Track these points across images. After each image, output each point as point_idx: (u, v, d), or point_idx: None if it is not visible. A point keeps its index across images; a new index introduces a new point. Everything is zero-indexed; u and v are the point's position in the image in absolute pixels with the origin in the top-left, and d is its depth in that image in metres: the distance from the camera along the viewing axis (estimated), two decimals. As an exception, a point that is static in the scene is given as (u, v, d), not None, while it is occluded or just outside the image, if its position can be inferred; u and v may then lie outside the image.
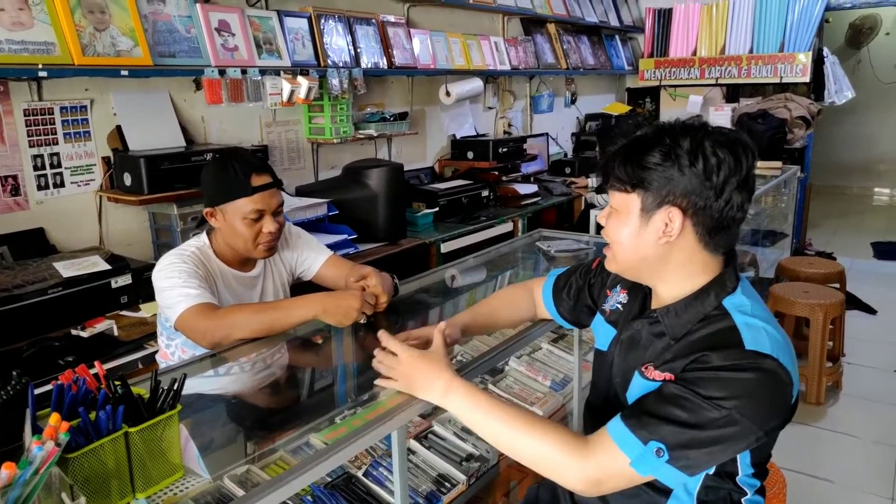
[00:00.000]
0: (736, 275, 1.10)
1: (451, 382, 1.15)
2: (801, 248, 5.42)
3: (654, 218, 1.05)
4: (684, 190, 1.02)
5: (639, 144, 1.06)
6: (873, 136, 7.99)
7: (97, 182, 2.42)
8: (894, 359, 3.63)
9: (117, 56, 2.27)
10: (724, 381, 0.96)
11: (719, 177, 1.01)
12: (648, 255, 1.08)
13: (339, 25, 3.12)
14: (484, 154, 3.92)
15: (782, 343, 1.01)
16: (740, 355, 0.98)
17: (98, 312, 2.12)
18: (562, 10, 4.77)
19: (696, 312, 1.07)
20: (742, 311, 1.04)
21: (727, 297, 1.07)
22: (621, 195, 1.09)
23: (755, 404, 0.96)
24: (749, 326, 1.02)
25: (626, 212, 1.08)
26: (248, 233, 1.67)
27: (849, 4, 5.20)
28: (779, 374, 0.98)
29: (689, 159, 1.01)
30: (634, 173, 1.05)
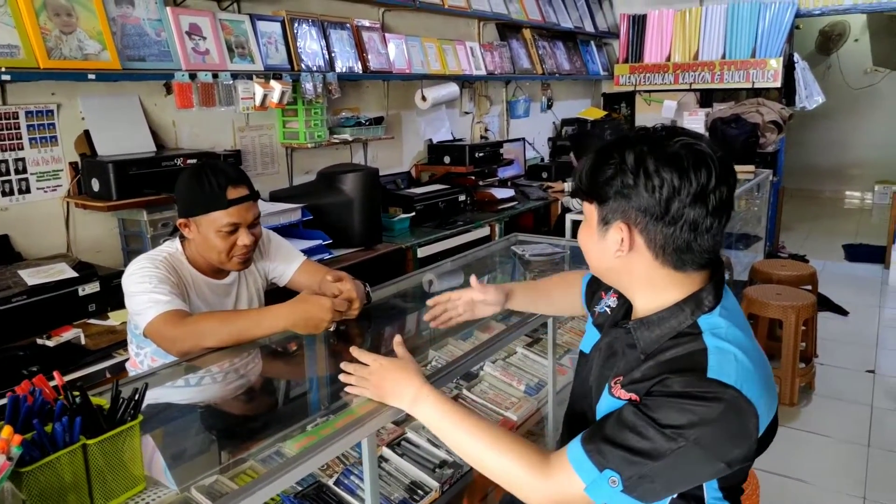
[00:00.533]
0: (717, 293, 1.04)
1: (420, 390, 1.14)
2: (775, 251, 5.50)
3: (609, 231, 1.04)
4: (632, 206, 1.00)
5: (600, 156, 1.05)
6: (844, 141, 8.14)
7: (64, 188, 2.37)
8: (866, 359, 3.68)
9: (84, 59, 2.22)
10: (682, 410, 0.92)
11: (662, 194, 0.97)
12: (610, 266, 1.08)
13: (313, 29, 3.10)
14: (461, 159, 3.92)
15: (751, 372, 0.96)
16: (700, 383, 0.93)
17: (65, 321, 2.07)
18: (537, 15, 4.80)
19: (668, 328, 1.03)
20: (715, 333, 0.99)
21: (703, 315, 1.02)
22: (586, 204, 1.09)
23: (713, 436, 0.91)
24: (718, 351, 0.97)
25: (589, 221, 1.09)
26: (223, 245, 1.64)
27: (818, 11, 5.29)
28: (740, 405, 0.93)
29: (632, 177, 0.99)
30: (589, 185, 1.05)
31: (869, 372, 3.53)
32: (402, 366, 1.19)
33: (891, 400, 3.21)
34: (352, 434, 1.16)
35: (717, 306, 1.02)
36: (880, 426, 2.99)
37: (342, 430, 1.16)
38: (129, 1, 2.42)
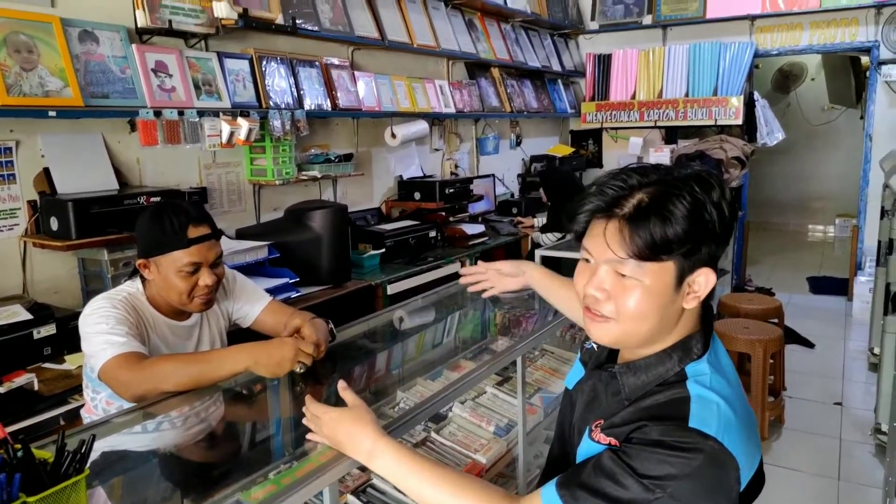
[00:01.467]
0: (706, 339, 0.99)
1: (375, 443, 1.10)
2: (742, 285, 5.58)
3: (686, 281, 0.94)
4: (713, 248, 0.93)
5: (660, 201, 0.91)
6: (806, 175, 8.38)
7: (22, 227, 2.31)
8: (833, 392, 3.72)
9: (45, 97, 2.19)
10: (660, 460, 0.88)
11: (729, 229, 0.94)
12: (667, 323, 0.97)
13: (282, 67, 3.10)
14: (431, 195, 3.92)
15: (733, 422, 0.92)
16: (680, 433, 0.89)
17: (18, 365, 1.99)
18: (505, 55, 4.88)
19: (655, 375, 0.98)
20: (699, 380, 0.95)
21: (691, 363, 0.97)
22: (650, 265, 0.92)
23: (691, 489, 0.88)
24: (701, 399, 0.92)
25: (656, 283, 0.93)
26: (184, 286, 1.59)
27: (775, 52, 5.49)
28: (720, 458, 0.89)
29: (717, 212, 0.92)
30: (669, 237, 0.90)
31: (837, 404, 3.56)
32: (355, 417, 1.14)
33: (858, 432, 3.23)
34: (313, 483, 1.12)
35: (706, 353, 0.98)
36: (849, 459, 3.01)
37: (303, 479, 1.12)
38: (93, 38, 2.40)
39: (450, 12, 4.36)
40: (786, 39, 5.38)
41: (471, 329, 2.53)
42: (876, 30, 5.02)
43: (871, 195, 5.22)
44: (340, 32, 3.38)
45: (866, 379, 3.90)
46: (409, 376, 2.00)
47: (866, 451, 3.07)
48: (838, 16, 5.14)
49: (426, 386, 1.88)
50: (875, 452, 3.03)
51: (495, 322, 2.49)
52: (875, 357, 3.91)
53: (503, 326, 2.42)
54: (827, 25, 5.22)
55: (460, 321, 2.55)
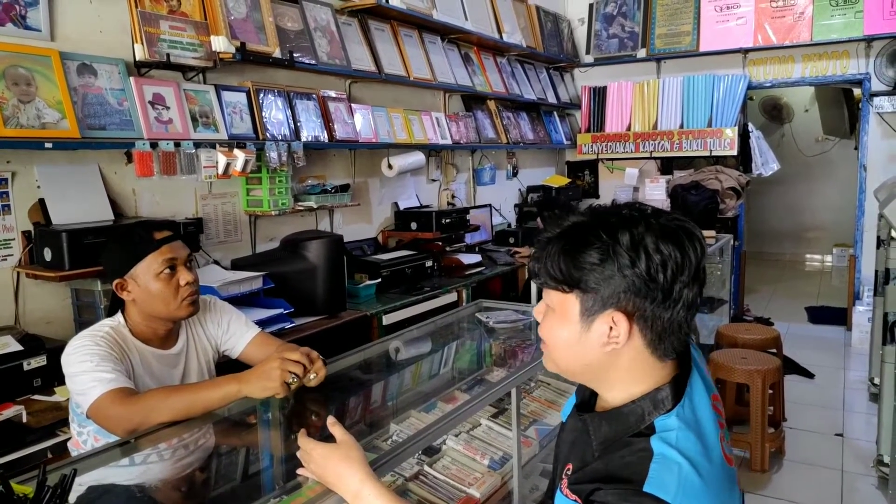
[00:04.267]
0: (679, 390, 0.94)
1: (363, 485, 1.09)
2: (740, 314, 5.56)
3: (595, 322, 0.93)
4: (628, 291, 0.90)
5: (574, 238, 0.93)
6: (801, 206, 8.42)
7: (15, 258, 2.30)
8: (834, 423, 3.68)
9: (42, 128, 2.20)
10: None
11: (666, 276, 0.89)
12: (591, 361, 0.96)
13: (279, 100, 3.13)
14: (427, 225, 3.93)
15: (696, 487, 0.86)
16: (634, 498, 0.85)
17: (7, 397, 1.97)
18: (501, 87, 4.94)
19: (625, 427, 0.94)
20: (665, 438, 0.89)
21: (660, 416, 0.92)
22: (557, 294, 0.96)
23: None
24: (663, 459, 0.87)
25: (564, 313, 0.95)
26: (167, 289, 1.60)
27: (768, 84, 5.56)
28: None
29: (629, 258, 0.89)
30: (570, 273, 0.92)
31: (838, 435, 3.52)
32: (343, 455, 1.13)
33: (860, 464, 3.19)
34: (302, 518, 1.10)
35: (677, 406, 0.92)
36: (851, 491, 2.96)
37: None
38: (91, 71, 2.42)
39: (446, 46, 4.42)
40: (778, 72, 5.46)
41: (466, 360, 2.52)
42: (867, 62, 5.10)
43: (867, 225, 5.24)
44: (337, 66, 3.42)
45: (867, 409, 3.86)
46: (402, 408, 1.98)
47: (869, 483, 3.02)
48: (829, 49, 5.22)
49: (420, 418, 1.86)
50: (878, 485, 2.99)
51: (491, 353, 2.47)
52: (875, 387, 3.87)
53: (498, 357, 2.40)
54: (819, 58, 5.29)
55: (456, 352, 2.53)
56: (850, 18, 4.97)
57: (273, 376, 1.48)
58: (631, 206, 0.96)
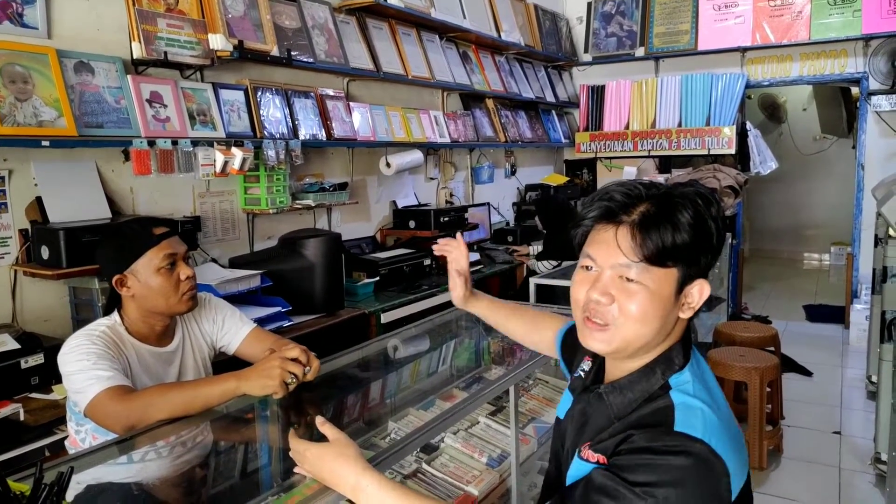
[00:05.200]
0: (685, 351, 1.01)
1: (360, 477, 1.07)
2: (738, 313, 5.56)
3: (684, 290, 0.98)
4: (710, 259, 0.98)
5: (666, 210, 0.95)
6: (799, 204, 8.43)
7: (12, 256, 2.30)
8: (832, 420, 3.69)
9: (39, 126, 2.20)
10: (649, 467, 0.88)
11: (721, 245, 0.99)
12: (662, 328, 0.98)
13: (277, 98, 3.13)
14: (426, 223, 3.93)
15: (719, 428, 0.92)
16: (666, 437, 0.90)
17: (4, 395, 1.96)
18: (499, 86, 4.94)
19: (640, 391, 0.99)
20: (683, 390, 0.97)
21: (673, 375, 0.99)
22: (656, 269, 0.95)
23: (682, 492, 0.87)
24: (685, 406, 0.94)
25: (660, 289, 0.96)
26: (168, 284, 1.60)
27: (766, 83, 5.56)
28: (709, 460, 0.89)
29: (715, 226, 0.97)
30: (678, 244, 0.94)
31: (835, 433, 3.53)
32: (338, 452, 1.11)
33: (858, 461, 3.19)
34: (300, 514, 1.10)
35: (687, 364, 1.00)
36: (850, 489, 2.96)
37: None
38: (88, 69, 2.42)
39: (444, 45, 4.42)
40: (776, 71, 5.46)
41: (464, 358, 2.51)
42: (864, 61, 5.10)
43: (864, 223, 5.25)
44: (335, 64, 3.41)
45: (865, 407, 3.86)
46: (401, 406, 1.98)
47: (866, 480, 3.03)
48: (827, 48, 5.22)
49: (418, 416, 1.85)
50: (875, 482, 2.99)
51: (489, 351, 2.47)
52: (873, 385, 3.87)
53: (497, 355, 2.40)
54: (817, 57, 5.30)
55: (454, 350, 2.53)
56: (849, 17, 4.97)
57: (273, 375, 1.47)
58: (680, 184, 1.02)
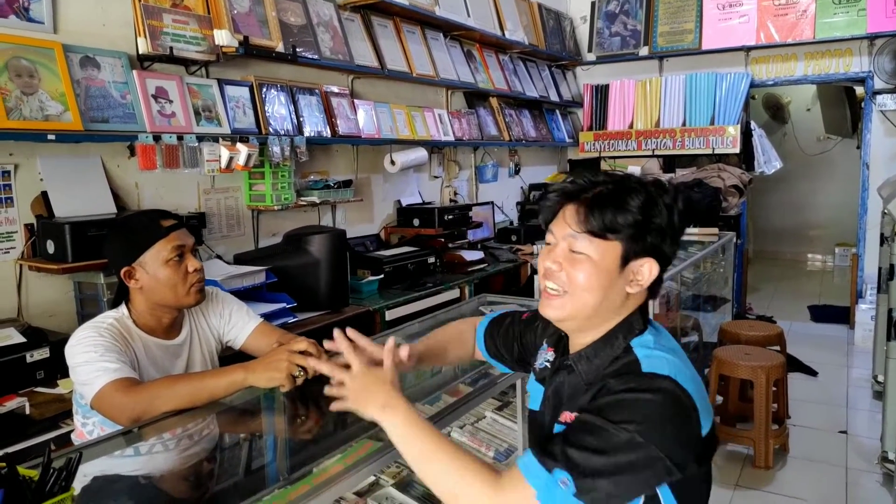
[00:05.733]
0: (644, 318, 1.11)
1: (391, 397, 1.11)
2: (743, 313, 5.55)
3: (629, 266, 1.06)
4: (659, 241, 1.05)
5: (616, 190, 1.05)
6: (803, 204, 8.40)
7: (18, 250, 2.30)
8: (838, 420, 3.67)
9: (45, 120, 2.20)
10: (624, 405, 0.96)
11: (681, 233, 1.07)
12: (610, 304, 1.07)
13: (282, 95, 3.13)
14: (430, 221, 3.93)
15: (683, 369, 1.02)
16: (637, 378, 1.00)
17: (10, 389, 1.96)
18: (503, 85, 4.93)
19: (606, 357, 1.07)
20: (645, 345, 1.06)
21: (634, 338, 1.08)
22: (598, 241, 1.05)
23: (656, 426, 0.94)
24: (649, 356, 1.04)
25: (602, 259, 1.05)
26: (176, 276, 1.60)
27: (771, 82, 5.55)
28: (678, 394, 0.97)
29: (667, 212, 1.05)
30: (618, 220, 1.03)
31: (841, 433, 3.51)
32: (380, 375, 1.15)
33: (864, 461, 3.18)
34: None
35: (647, 329, 1.10)
36: (856, 488, 2.95)
37: (297, 500, 1.09)
38: (94, 64, 2.42)
39: (448, 43, 4.42)
40: (781, 70, 5.45)
41: (470, 354, 2.50)
42: (869, 60, 5.08)
43: (870, 223, 5.23)
44: (340, 61, 3.41)
45: (871, 407, 3.85)
46: (407, 400, 1.97)
47: (873, 479, 3.01)
48: (832, 47, 5.21)
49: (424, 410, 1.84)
50: (882, 481, 2.98)
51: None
52: (879, 385, 3.86)
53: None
54: (821, 56, 5.28)
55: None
56: (853, 16, 4.96)
57: (280, 367, 1.47)
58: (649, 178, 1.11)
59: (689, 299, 4.18)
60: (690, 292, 4.18)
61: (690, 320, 4.06)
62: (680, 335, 3.68)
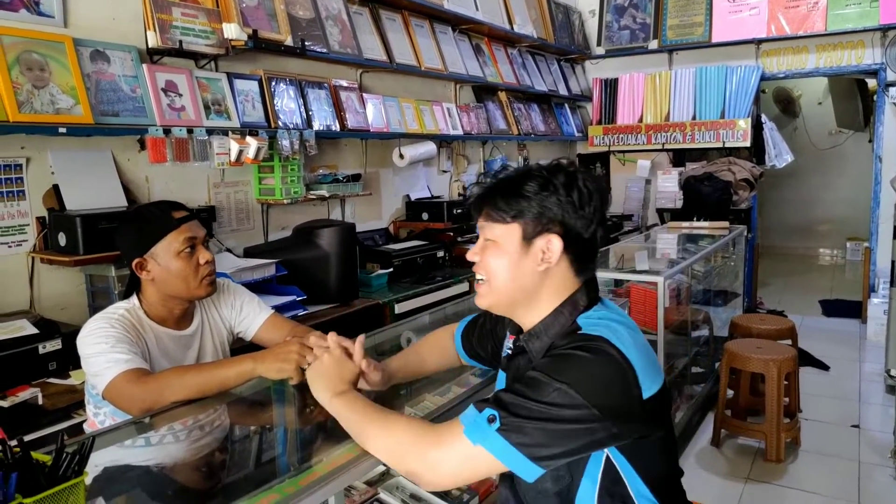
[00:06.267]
0: (590, 295, 1.16)
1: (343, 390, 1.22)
2: (753, 307, 5.51)
3: (533, 245, 1.11)
4: (560, 217, 1.10)
5: (513, 179, 1.13)
6: (814, 199, 8.34)
7: (30, 243, 2.31)
8: (850, 414, 3.64)
9: (56, 114, 2.21)
10: (557, 361, 1.02)
11: (590, 207, 1.11)
12: (525, 283, 1.13)
13: (291, 89, 3.13)
14: (439, 215, 3.92)
15: (622, 333, 1.05)
16: (573, 337, 1.06)
17: (23, 380, 1.98)
18: (512, 79, 4.92)
19: (554, 333, 1.13)
20: (589, 318, 1.12)
21: (580, 314, 1.13)
22: (500, 226, 1.13)
23: (588, 382, 0.98)
24: (590, 324, 1.09)
25: (505, 242, 1.13)
26: (187, 268, 1.60)
27: (782, 75, 5.50)
28: (609, 352, 1.01)
29: (565, 189, 1.10)
30: (514, 203, 1.11)
31: (854, 427, 3.48)
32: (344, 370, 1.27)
33: (877, 455, 3.15)
34: (318, 492, 1.10)
35: (594, 306, 1.15)
36: (869, 482, 2.92)
37: (307, 487, 1.10)
38: (104, 58, 2.43)
39: (457, 37, 4.41)
40: (792, 63, 5.40)
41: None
42: (882, 52, 5.03)
43: (882, 216, 5.18)
44: (349, 55, 3.41)
45: (883, 401, 3.82)
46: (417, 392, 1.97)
47: (886, 473, 2.99)
48: (844, 39, 5.16)
49: (433, 401, 1.84)
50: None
51: (504, 339, 2.46)
52: (892, 379, 3.83)
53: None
54: (833, 48, 5.23)
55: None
56: (866, 8, 4.90)
57: (290, 359, 1.47)
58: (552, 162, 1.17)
59: (699, 293, 4.15)
60: (701, 286, 4.16)
61: (701, 314, 4.04)
62: (691, 328, 3.66)
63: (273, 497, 1.09)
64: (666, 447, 1.11)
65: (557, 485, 1.08)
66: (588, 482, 1.06)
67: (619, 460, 1.05)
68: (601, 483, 1.05)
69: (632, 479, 1.06)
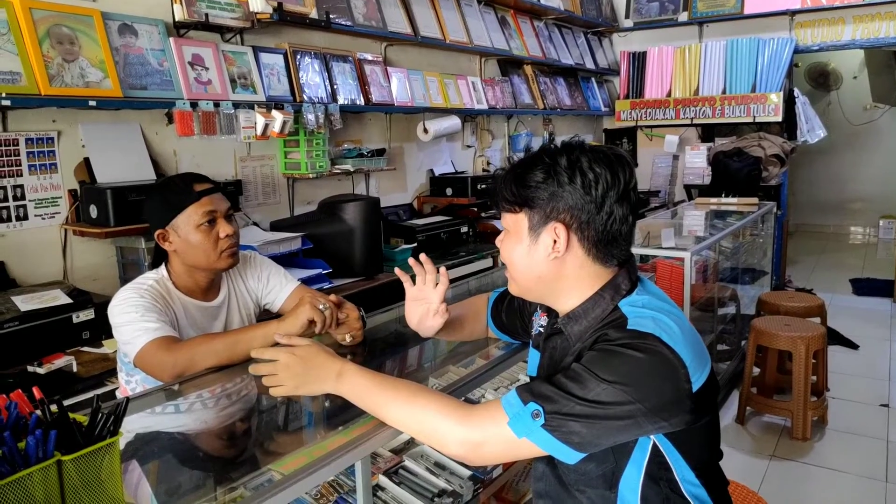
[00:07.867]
0: (632, 278, 1.12)
1: (343, 367, 1.18)
2: (782, 285, 5.43)
3: (541, 235, 1.08)
4: (566, 205, 1.06)
5: (521, 166, 1.10)
6: (846, 176, 8.14)
7: (63, 215, 2.36)
8: (879, 393, 3.59)
9: (86, 87, 2.24)
10: (606, 358, 0.98)
11: (598, 190, 1.04)
12: (542, 272, 1.10)
13: (316, 62, 3.13)
14: (463, 190, 3.91)
15: (671, 327, 1.01)
16: (622, 333, 1.01)
17: (58, 348, 2.03)
18: (538, 52, 4.85)
19: (594, 318, 1.09)
20: (632, 304, 1.08)
21: (623, 299, 1.09)
22: (511, 216, 1.12)
23: (637, 381, 0.96)
24: (636, 314, 1.05)
25: (517, 232, 1.11)
26: (207, 241, 1.62)
27: (816, 47, 5.35)
28: (662, 352, 0.97)
29: (567, 175, 1.05)
30: (519, 193, 1.09)
31: (883, 406, 3.44)
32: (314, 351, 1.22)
33: (906, 434, 3.11)
34: (345, 456, 1.11)
35: (635, 290, 1.10)
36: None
37: (334, 452, 1.11)
38: (132, 31, 2.44)
39: (482, 9, 4.35)
40: (827, 34, 5.24)
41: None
42: (923, 22, 4.86)
43: (918, 193, 5.05)
44: (373, 28, 3.39)
45: (914, 381, 3.76)
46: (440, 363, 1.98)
47: (915, 453, 2.95)
48: (883, 9, 4.98)
49: (457, 372, 1.86)
50: (925, 455, 2.91)
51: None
52: (923, 358, 3.76)
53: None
54: (871, 19, 5.06)
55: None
56: (907, -24, 4.73)
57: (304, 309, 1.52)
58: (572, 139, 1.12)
59: (727, 270, 4.10)
60: (729, 263, 4.11)
61: (728, 291, 3.99)
62: (717, 305, 3.62)
63: (302, 460, 1.11)
64: (712, 431, 1.09)
65: (601, 468, 1.06)
66: (633, 467, 1.04)
67: (665, 446, 1.03)
68: (647, 468, 1.04)
69: (678, 465, 1.04)
